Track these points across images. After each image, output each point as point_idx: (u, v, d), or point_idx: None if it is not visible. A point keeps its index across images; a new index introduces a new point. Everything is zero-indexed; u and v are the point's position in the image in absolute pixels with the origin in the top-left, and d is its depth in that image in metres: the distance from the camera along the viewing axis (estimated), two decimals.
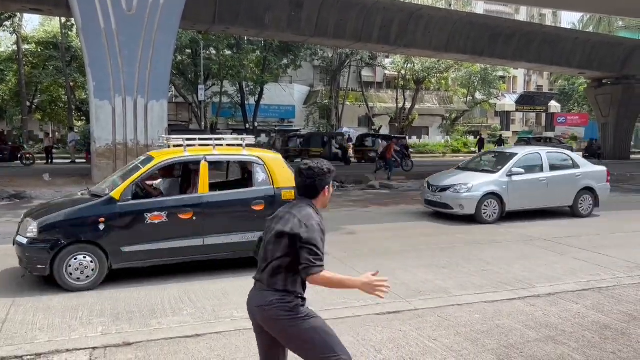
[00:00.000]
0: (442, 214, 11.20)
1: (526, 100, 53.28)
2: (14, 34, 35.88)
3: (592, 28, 48.98)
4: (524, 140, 37.16)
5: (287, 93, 42.65)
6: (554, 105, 55.84)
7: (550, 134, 48.62)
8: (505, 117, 57.68)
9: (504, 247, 8.49)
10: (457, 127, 51.64)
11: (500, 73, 48.94)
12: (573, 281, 6.50)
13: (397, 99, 45.03)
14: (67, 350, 4.27)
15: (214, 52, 35.62)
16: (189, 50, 35.09)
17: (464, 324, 4.97)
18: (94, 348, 4.32)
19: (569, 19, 63.41)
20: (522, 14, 56.77)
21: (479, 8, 50.21)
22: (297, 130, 40.29)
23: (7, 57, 40.19)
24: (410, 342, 4.51)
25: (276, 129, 44.08)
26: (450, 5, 44.37)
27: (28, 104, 38.82)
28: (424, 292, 5.95)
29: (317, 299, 5.52)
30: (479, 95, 49.62)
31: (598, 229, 10.30)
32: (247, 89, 38.43)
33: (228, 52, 36.36)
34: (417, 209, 12.86)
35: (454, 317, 5.17)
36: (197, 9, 20.76)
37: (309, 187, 2.86)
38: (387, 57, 44.05)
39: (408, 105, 44.82)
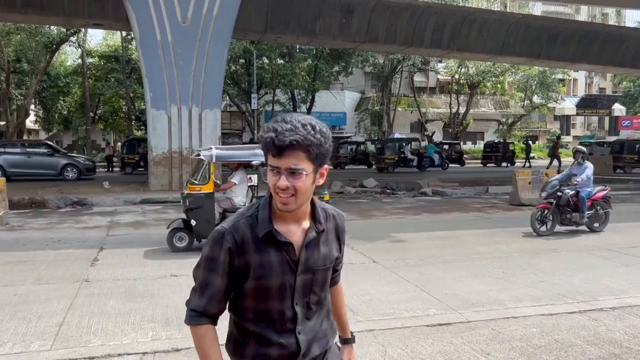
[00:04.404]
0: (499, 222, 10.83)
1: (587, 104, 51.19)
2: (79, 49, 37.77)
3: None
4: (585, 145, 35.64)
5: (338, 100, 42.78)
6: (618, 108, 53.33)
7: (613, 139, 46.41)
8: (565, 121, 55.59)
9: (564, 258, 8.08)
10: (514, 132, 50.17)
11: (560, 76, 47.29)
12: None
13: (450, 104, 44.28)
14: (119, 355, 4.35)
15: (266, 61, 36.22)
16: (242, 60, 35.87)
17: (519, 338, 4.73)
18: (143, 353, 4.39)
19: (634, 18, 60.42)
20: (583, 14, 54.66)
21: (537, 9, 48.70)
22: (348, 137, 40.29)
23: (72, 71, 42.38)
24: (462, 356, 4.33)
25: None
26: (505, 7, 43.29)
27: (91, 114, 40.77)
28: (476, 304, 5.72)
29: (362, 308, 5.43)
30: (536, 99, 48.08)
31: None
32: (299, 97, 38.83)
33: (280, 61, 36.89)
34: (471, 216, 12.50)
35: (508, 330, 4.93)
36: (248, 19, 21.14)
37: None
38: (440, 61, 43.42)
39: (462, 110, 43.99)
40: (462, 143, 39.86)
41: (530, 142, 39.84)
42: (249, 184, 8.68)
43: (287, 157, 1.56)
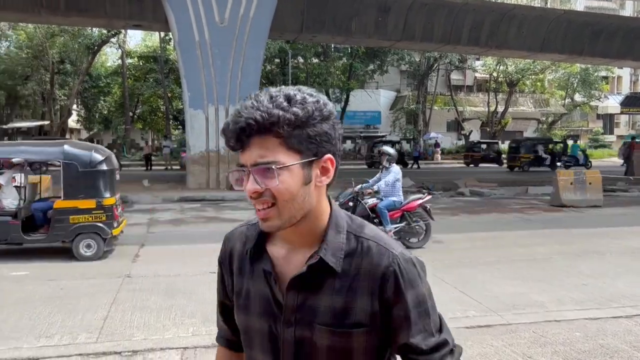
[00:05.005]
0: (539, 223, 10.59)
1: (632, 102, 49.49)
2: (119, 50, 38.77)
3: None
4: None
5: (373, 99, 42.57)
6: None
7: None
8: (609, 120, 53.92)
9: (607, 260, 7.85)
10: (554, 131, 48.93)
11: (603, 73, 45.84)
12: None
13: (488, 103, 43.51)
14: (161, 349, 4.45)
15: (301, 60, 36.38)
16: (277, 60, 36.12)
17: (562, 342, 4.62)
18: (185, 348, 4.48)
19: None
20: (628, 9, 52.82)
21: (579, 5, 47.32)
22: (383, 136, 40.10)
23: (113, 71, 43.54)
24: (502, 359, 4.26)
25: (361, 135, 44.03)
26: (546, 3, 42.23)
27: (130, 114, 41.76)
28: (517, 306, 5.61)
29: None
30: (578, 97, 46.75)
31: None
32: (334, 96, 38.83)
33: (315, 60, 36.99)
34: (511, 217, 12.27)
35: (551, 333, 4.82)
36: (284, 19, 21.27)
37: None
38: (478, 59, 42.73)
39: (500, 108, 43.18)
40: (500, 142, 39.05)
41: (567, 142, 38.74)
42: (13, 185, 7.75)
43: (251, 148, 1.05)
